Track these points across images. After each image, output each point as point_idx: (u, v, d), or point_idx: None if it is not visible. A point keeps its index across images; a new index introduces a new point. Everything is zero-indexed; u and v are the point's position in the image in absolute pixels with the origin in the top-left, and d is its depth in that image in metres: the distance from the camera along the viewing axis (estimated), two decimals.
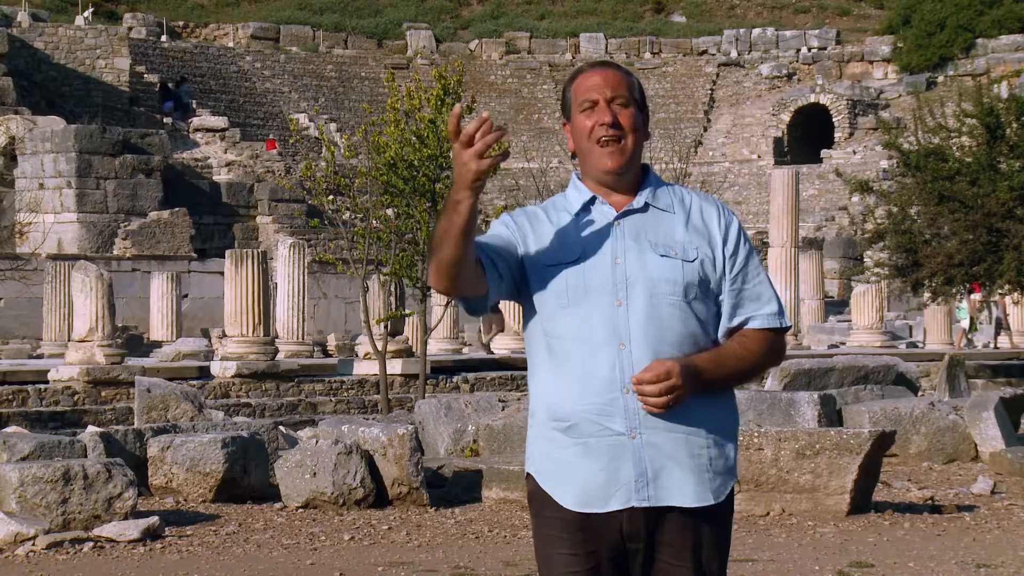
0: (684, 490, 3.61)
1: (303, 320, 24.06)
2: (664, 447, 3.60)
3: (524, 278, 3.68)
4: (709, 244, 3.69)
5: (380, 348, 19.80)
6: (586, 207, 3.71)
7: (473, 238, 3.54)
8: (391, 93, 19.69)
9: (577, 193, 3.73)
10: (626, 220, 3.68)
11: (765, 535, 9.73)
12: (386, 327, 20.24)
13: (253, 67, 52.83)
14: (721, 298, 3.70)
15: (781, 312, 3.74)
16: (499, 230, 3.69)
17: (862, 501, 10.52)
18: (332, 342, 27.96)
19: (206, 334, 28.40)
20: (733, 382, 3.72)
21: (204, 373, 20.89)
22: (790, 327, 3.84)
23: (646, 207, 3.70)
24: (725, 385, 3.70)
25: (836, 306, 37.84)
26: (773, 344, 3.73)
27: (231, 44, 53.92)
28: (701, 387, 3.59)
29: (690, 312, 3.64)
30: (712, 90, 56.77)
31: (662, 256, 3.64)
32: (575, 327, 3.62)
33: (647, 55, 58.22)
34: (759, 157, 52.53)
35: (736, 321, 3.70)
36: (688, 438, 3.62)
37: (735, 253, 3.71)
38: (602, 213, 3.69)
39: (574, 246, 3.66)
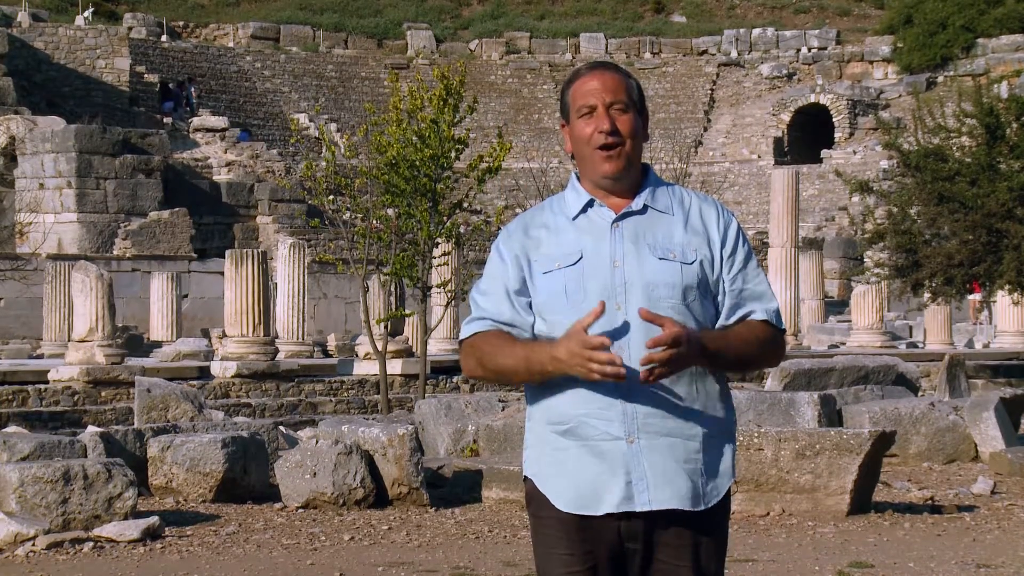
0: (681, 494, 3.62)
1: (303, 320, 24.07)
2: (661, 451, 3.60)
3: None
4: (708, 245, 3.69)
5: (380, 348, 19.80)
6: (584, 210, 3.70)
7: None
8: (393, 92, 19.69)
9: (575, 195, 3.72)
10: (624, 223, 3.67)
11: (765, 535, 9.73)
12: (386, 327, 20.23)
13: (253, 67, 52.85)
14: (720, 299, 3.71)
15: (779, 312, 3.75)
16: (505, 275, 3.69)
17: (862, 501, 10.53)
18: (332, 342, 27.96)
19: (206, 334, 28.40)
20: (736, 365, 3.70)
21: (204, 373, 20.90)
22: (785, 330, 3.84)
23: (644, 209, 3.69)
24: (728, 367, 3.68)
25: (836, 306, 37.84)
26: (774, 338, 3.73)
27: (231, 44, 53.94)
28: (705, 359, 3.59)
29: (688, 314, 3.64)
30: (712, 90, 56.78)
31: (660, 259, 3.63)
32: None
33: (647, 55, 58.23)
34: (759, 157, 52.54)
35: (733, 319, 3.70)
36: (686, 443, 3.63)
37: (734, 253, 3.70)
38: (600, 216, 3.69)
39: (572, 250, 3.65)
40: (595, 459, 3.60)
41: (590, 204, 3.70)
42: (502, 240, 3.74)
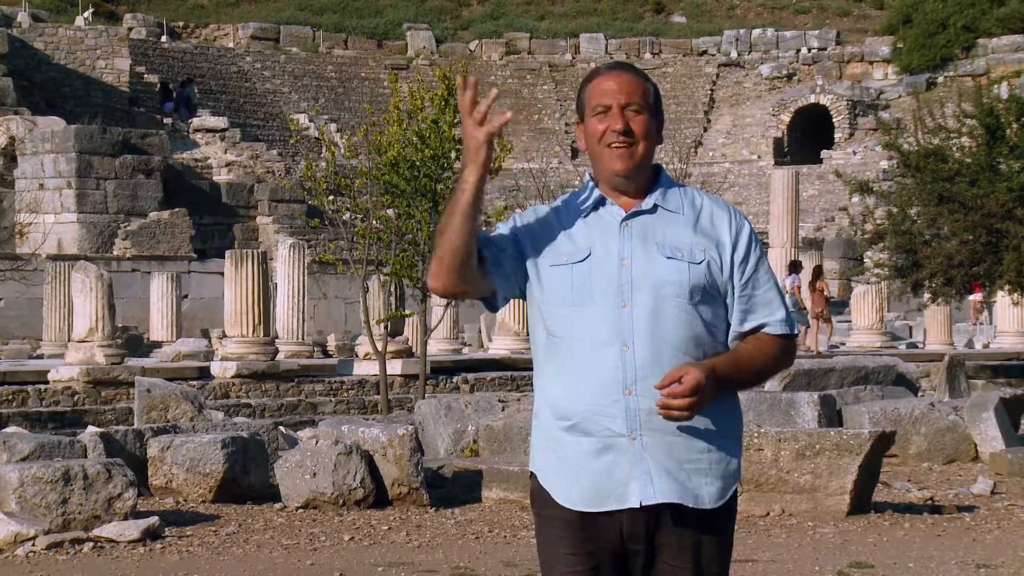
0: (684, 491, 3.62)
1: (303, 320, 24.06)
2: (664, 449, 3.61)
3: (526, 277, 3.70)
4: (717, 248, 3.69)
5: (380, 348, 19.79)
6: (595, 207, 3.71)
7: (477, 223, 3.58)
8: (393, 93, 19.70)
9: (587, 193, 3.74)
10: (634, 221, 3.68)
11: (765, 535, 9.73)
12: (386, 327, 20.23)
13: (253, 67, 52.83)
14: (729, 302, 3.70)
15: (790, 318, 3.76)
16: (504, 230, 3.72)
17: (862, 501, 10.53)
18: (332, 342, 27.95)
19: (206, 334, 28.40)
20: (748, 384, 3.74)
21: (204, 373, 20.89)
22: (798, 334, 3.86)
23: (655, 208, 3.70)
24: (741, 387, 3.72)
25: (836, 306, 37.79)
26: (786, 348, 3.75)
27: (231, 44, 53.92)
28: (720, 390, 3.61)
29: (695, 314, 3.64)
30: (712, 90, 56.75)
31: (668, 258, 3.64)
32: (579, 327, 3.62)
33: (647, 55, 58.20)
34: (759, 157, 52.52)
35: (747, 326, 3.71)
36: (689, 441, 3.63)
37: (745, 259, 3.70)
38: (611, 214, 3.70)
39: (581, 247, 3.67)
40: (598, 456, 3.61)
41: (601, 202, 3.72)
42: (516, 214, 3.79)
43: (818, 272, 28.66)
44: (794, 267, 28.75)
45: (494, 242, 3.68)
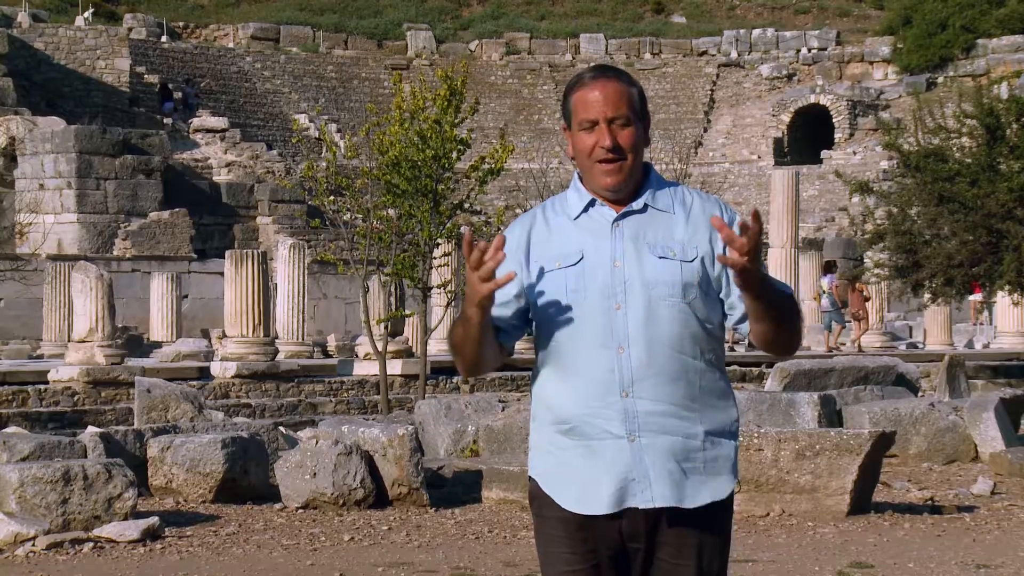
0: (682, 492, 3.62)
1: (303, 320, 24.06)
2: (663, 450, 3.61)
3: (528, 310, 3.72)
4: (709, 242, 3.68)
5: (380, 348, 19.79)
6: (586, 210, 3.71)
7: (489, 339, 3.65)
8: (396, 93, 19.71)
9: (577, 195, 3.73)
10: (625, 222, 3.68)
11: (765, 535, 9.73)
12: (386, 327, 20.23)
13: (253, 68, 52.84)
14: (721, 296, 3.70)
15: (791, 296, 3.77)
16: (507, 269, 3.66)
17: (862, 502, 10.53)
18: (332, 342, 27.96)
19: (206, 334, 28.41)
20: (776, 304, 3.63)
21: (204, 374, 20.90)
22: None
23: (645, 208, 3.69)
24: (770, 308, 3.61)
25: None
26: (796, 306, 3.73)
27: (231, 45, 53.94)
28: (760, 288, 3.53)
29: (690, 312, 3.64)
30: (712, 91, 56.76)
31: (660, 258, 3.63)
32: (575, 331, 3.62)
33: (647, 56, 58.21)
34: (759, 158, 52.53)
35: (738, 314, 3.69)
36: (687, 441, 3.63)
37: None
38: (601, 215, 3.69)
39: (573, 250, 3.66)
40: (597, 459, 3.61)
41: (591, 204, 3.71)
42: (507, 234, 3.74)
43: (859, 272, 28.89)
44: (828, 267, 28.89)
45: (505, 318, 3.66)
